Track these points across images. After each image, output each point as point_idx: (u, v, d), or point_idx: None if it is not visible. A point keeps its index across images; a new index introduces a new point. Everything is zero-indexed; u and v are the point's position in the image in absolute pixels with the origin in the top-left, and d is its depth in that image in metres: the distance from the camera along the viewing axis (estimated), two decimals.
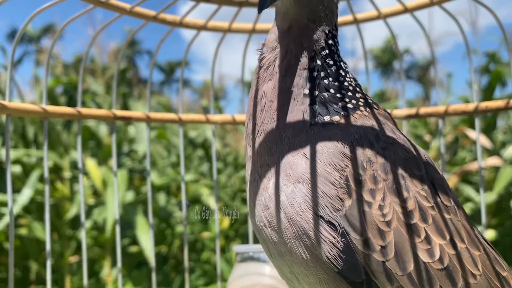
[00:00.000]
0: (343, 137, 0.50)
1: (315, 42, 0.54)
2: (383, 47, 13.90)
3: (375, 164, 0.49)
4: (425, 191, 0.50)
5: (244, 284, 0.81)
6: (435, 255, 0.47)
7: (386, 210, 0.47)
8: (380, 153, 0.50)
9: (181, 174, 0.99)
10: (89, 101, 2.78)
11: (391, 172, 0.49)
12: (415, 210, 0.48)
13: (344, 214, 0.47)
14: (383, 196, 0.48)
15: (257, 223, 0.54)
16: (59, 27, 0.87)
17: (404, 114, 0.94)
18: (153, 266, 0.97)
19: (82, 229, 0.88)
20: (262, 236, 0.54)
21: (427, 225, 0.48)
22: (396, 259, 0.46)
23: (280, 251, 0.51)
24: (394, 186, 0.49)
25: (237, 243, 2.45)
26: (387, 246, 0.46)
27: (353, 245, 0.47)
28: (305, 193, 0.48)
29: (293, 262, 0.51)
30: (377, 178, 0.48)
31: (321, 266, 0.48)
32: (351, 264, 0.47)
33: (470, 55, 0.92)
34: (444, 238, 0.48)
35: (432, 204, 0.49)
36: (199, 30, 0.95)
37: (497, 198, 2.20)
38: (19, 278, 2.32)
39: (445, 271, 0.47)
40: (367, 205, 0.47)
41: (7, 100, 0.75)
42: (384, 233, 0.47)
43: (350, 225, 0.47)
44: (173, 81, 9.43)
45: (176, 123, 0.99)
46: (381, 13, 0.91)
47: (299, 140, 0.51)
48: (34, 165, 2.41)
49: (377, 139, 0.51)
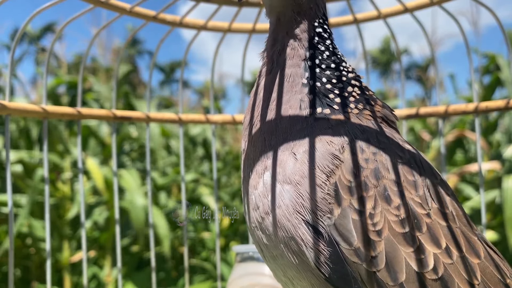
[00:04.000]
0: (333, 139, 0.49)
1: (305, 33, 0.55)
2: (381, 48, 13.90)
3: (365, 170, 0.47)
4: (420, 198, 0.48)
5: (244, 284, 0.81)
6: (429, 264, 0.45)
7: (377, 218, 0.46)
8: (371, 158, 0.48)
9: (181, 174, 0.99)
10: (91, 101, 2.78)
11: (382, 178, 0.47)
12: (408, 218, 0.46)
13: (333, 223, 0.46)
14: (374, 204, 0.46)
15: (249, 224, 0.53)
16: (60, 26, 0.87)
17: (404, 114, 0.94)
18: (153, 266, 0.97)
19: (82, 229, 0.88)
20: (254, 238, 0.53)
21: (421, 233, 0.46)
22: (387, 269, 0.45)
23: (273, 254, 0.51)
24: (386, 193, 0.47)
25: (236, 243, 2.46)
26: (378, 256, 0.45)
27: (342, 255, 0.45)
28: (292, 195, 0.47)
29: (285, 266, 0.50)
30: (367, 185, 0.47)
31: (311, 272, 0.47)
32: (341, 274, 0.45)
33: (470, 55, 0.92)
34: (439, 247, 0.46)
35: (427, 212, 0.48)
36: (199, 30, 0.95)
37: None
38: (20, 278, 2.32)
39: (439, 281, 0.45)
40: (357, 214, 0.46)
41: (7, 100, 0.75)
42: (374, 243, 0.45)
43: (340, 234, 0.45)
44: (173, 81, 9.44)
45: (176, 123, 0.99)
46: (381, 13, 0.91)
47: (293, 132, 0.51)
48: (37, 165, 2.42)
49: (368, 144, 0.49)
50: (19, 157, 2.30)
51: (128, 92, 2.92)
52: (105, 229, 2.34)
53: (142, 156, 2.96)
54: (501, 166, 2.25)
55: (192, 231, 2.50)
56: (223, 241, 2.44)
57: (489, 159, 2.44)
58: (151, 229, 0.97)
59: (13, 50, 0.78)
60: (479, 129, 0.90)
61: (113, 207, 2.14)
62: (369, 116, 0.53)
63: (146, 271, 2.23)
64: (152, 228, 0.97)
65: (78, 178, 2.35)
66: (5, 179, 2.15)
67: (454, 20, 0.89)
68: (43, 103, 0.83)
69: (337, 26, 0.96)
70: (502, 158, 2.32)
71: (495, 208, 2.29)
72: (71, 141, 2.65)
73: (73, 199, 2.39)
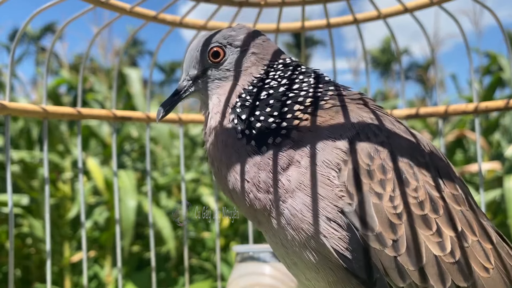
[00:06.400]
0: (338, 133, 0.49)
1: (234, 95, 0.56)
2: (381, 48, 13.90)
3: (382, 152, 0.47)
4: (433, 180, 0.48)
5: (244, 284, 0.81)
6: (447, 248, 0.45)
7: (397, 201, 0.45)
8: (385, 141, 0.48)
9: (181, 174, 0.99)
10: (92, 101, 2.78)
11: (398, 161, 0.47)
12: (426, 201, 0.46)
13: (354, 209, 0.45)
14: (393, 187, 0.46)
15: (273, 243, 0.54)
16: (60, 26, 0.87)
17: (404, 114, 0.94)
18: (153, 266, 0.97)
19: (82, 229, 0.88)
20: (277, 252, 0.54)
21: (438, 216, 0.46)
22: (408, 253, 0.44)
23: (293, 261, 0.51)
24: (403, 176, 0.46)
25: (236, 243, 2.46)
26: (399, 240, 0.44)
27: (364, 242, 0.45)
28: (303, 199, 0.48)
29: (305, 269, 0.50)
30: (385, 167, 0.47)
31: (330, 268, 0.47)
32: (362, 263, 0.45)
33: (470, 55, 0.92)
34: (456, 230, 0.46)
35: (441, 194, 0.47)
36: (199, 30, 0.95)
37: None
38: (20, 278, 2.32)
39: (456, 265, 0.45)
40: (378, 197, 0.45)
41: (8, 100, 0.75)
42: (395, 226, 0.45)
43: (361, 221, 0.45)
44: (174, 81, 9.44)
45: (176, 123, 0.99)
46: (381, 13, 0.91)
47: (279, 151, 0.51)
48: (37, 164, 2.42)
49: (379, 129, 0.50)
50: (20, 157, 2.30)
51: (129, 92, 2.92)
52: (105, 229, 2.34)
53: (143, 156, 2.96)
54: (501, 166, 2.25)
55: (192, 231, 2.50)
56: (223, 241, 2.43)
57: (489, 159, 2.44)
58: (151, 229, 0.97)
59: (13, 50, 0.78)
60: (479, 129, 0.90)
61: (113, 207, 2.14)
62: (361, 105, 0.54)
63: (146, 271, 2.23)
64: (152, 228, 0.97)
65: (79, 178, 2.34)
66: (6, 179, 2.15)
67: (454, 20, 0.89)
68: (43, 103, 0.83)
69: (337, 26, 0.96)
70: (503, 157, 2.32)
71: (495, 208, 2.29)
72: (71, 141, 2.65)
73: (73, 199, 2.39)
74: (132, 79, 2.74)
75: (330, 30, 0.98)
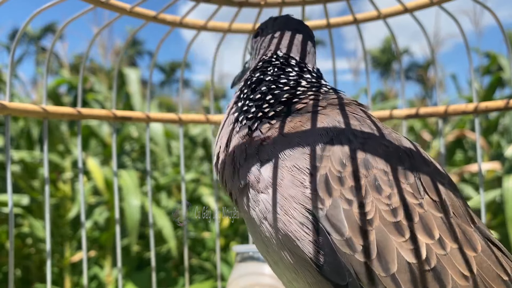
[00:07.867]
0: (310, 137, 0.51)
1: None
2: (382, 48, 13.91)
3: (355, 160, 0.48)
4: (411, 187, 0.47)
5: (244, 284, 0.82)
6: (421, 255, 0.44)
7: (368, 208, 0.45)
8: (360, 148, 0.49)
9: (181, 174, 0.99)
10: (92, 101, 2.78)
11: (372, 168, 0.47)
12: (399, 208, 0.46)
13: (325, 214, 0.46)
14: (365, 194, 0.46)
15: (255, 238, 0.56)
16: (60, 26, 0.87)
17: (404, 114, 0.94)
18: (153, 266, 0.97)
19: (82, 229, 0.88)
20: (259, 248, 0.56)
21: (413, 223, 0.45)
22: (378, 259, 0.44)
23: (274, 259, 0.52)
24: (376, 183, 0.47)
25: (236, 243, 2.46)
26: (369, 246, 0.44)
27: (335, 246, 0.45)
28: (278, 199, 0.48)
29: (285, 269, 0.50)
30: (357, 174, 0.47)
31: (308, 270, 0.47)
32: (334, 266, 0.45)
33: (469, 54, 0.92)
34: (432, 237, 0.45)
35: (419, 201, 0.47)
36: (199, 30, 0.95)
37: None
38: (20, 278, 2.32)
39: (432, 272, 0.44)
40: (348, 203, 0.46)
41: (8, 100, 0.75)
42: (365, 233, 0.45)
43: (332, 225, 0.45)
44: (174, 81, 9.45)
45: (176, 123, 0.99)
46: (381, 13, 0.91)
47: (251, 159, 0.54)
48: (37, 164, 2.42)
49: (354, 134, 0.50)
50: (20, 157, 2.30)
51: (129, 92, 2.92)
52: (105, 229, 2.34)
53: (143, 156, 2.96)
54: (501, 166, 2.25)
55: (192, 231, 2.50)
56: (223, 241, 2.43)
57: (489, 159, 2.44)
58: (151, 229, 0.97)
59: (13, 50, 0.78)
60: (479, 129, 0.90)
61: (113, 207, 2.15)
62: (340, 109, 0.55)
63: (146, 271, 2.23)
64: (152, 228, 0.97)
65: (79, 178, 2.34)
66: (6, 179, 2.15)
67: (454, 20, 0.89)
68: (43, 103, 0.83)
69: (337, 26, 0.96)
70: (503, 157, 2.32)
71: (495, 208, 2.29)
72: (72, 141, 2.65)
73: (73, 199, 2.39)
74: (131, 79, 2.75)
75: (330, 30, 0.98)
